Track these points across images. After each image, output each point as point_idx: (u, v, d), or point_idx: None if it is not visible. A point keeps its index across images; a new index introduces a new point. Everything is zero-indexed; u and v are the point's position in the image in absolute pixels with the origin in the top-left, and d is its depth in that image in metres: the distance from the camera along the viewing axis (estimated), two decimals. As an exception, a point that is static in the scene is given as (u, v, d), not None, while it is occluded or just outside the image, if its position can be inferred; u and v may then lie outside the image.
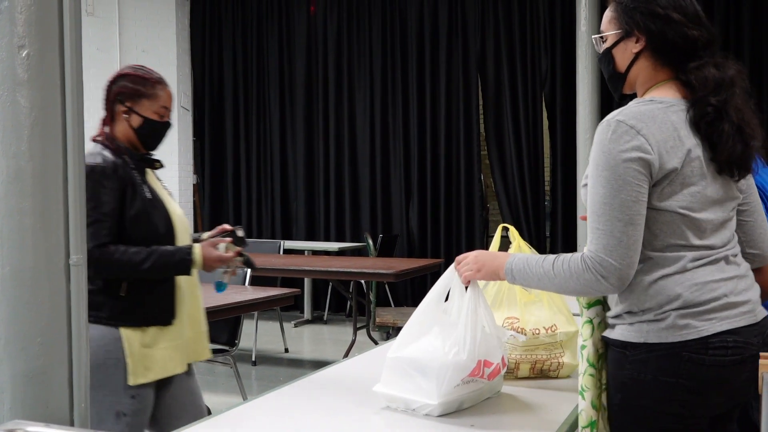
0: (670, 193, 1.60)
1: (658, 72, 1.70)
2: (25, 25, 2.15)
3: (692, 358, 1.56)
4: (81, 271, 2.25)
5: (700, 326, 1.57)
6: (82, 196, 2.27)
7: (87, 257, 2.14)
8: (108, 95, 2.43)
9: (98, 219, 2.21)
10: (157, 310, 2.30)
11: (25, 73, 2.15)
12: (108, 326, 2.23)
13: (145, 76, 2.40)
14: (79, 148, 2.25)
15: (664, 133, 1.59)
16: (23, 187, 2.17)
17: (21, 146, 2.17)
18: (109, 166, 2.26)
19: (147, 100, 2.39)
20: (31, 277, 2.19)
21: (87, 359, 2.26)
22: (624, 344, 1.63)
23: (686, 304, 1.58)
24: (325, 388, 2.03)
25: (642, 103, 1.65)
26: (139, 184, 2.31)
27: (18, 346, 2.18)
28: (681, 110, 1.64)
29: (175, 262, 2.26)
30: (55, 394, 2.21)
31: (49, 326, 2.20)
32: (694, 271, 1.60)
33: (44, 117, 2.18)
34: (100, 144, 2.36)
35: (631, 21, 1.70)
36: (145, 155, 2.41)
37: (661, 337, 1.58)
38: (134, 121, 2.38)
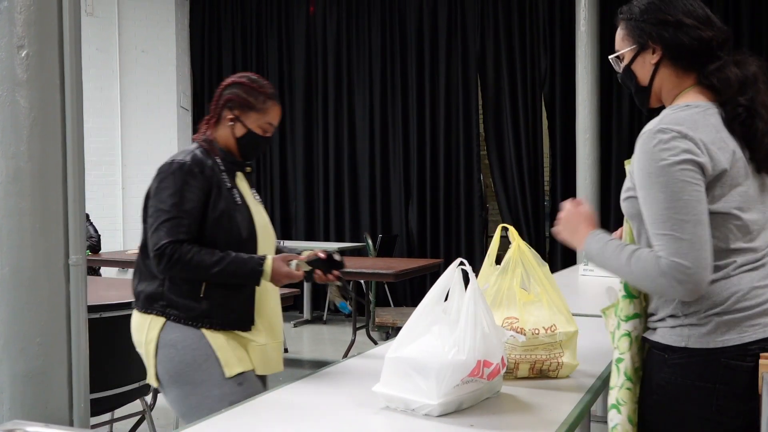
0: (720, 194, 1.59)
1: (682, 79, 1.70)
2: (25, 26, 2.15)
3: (730, 365, 1.56)
4: (80, 271, 2.26)
5: (741, 332, 1.57)
6: (81, 197, 2.27)
7: (159, 252, 2.14)
8: (218, 98, 2.39)
9: (177, 216, 2.18)
10: (235, 315, 2.26)
11: (24, 73, 2.16)
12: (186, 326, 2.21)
13: (258, 89, 2.36)
14: (78, 149, 2.25)
15: (710, 135, 1.58)
16: (22, 187, 2.17)
17: (20, 146, 2.17)
18: (196, 165, 2.24)
19: (255, 113, 2.35)
20: (30, 277, 2.19)
21: (86, 359, 2.26)
22: (664, 347, 1.63)
23: (729, 310, 1.58)
24: (324, 388, 2.03)
25: (678, 109, 1.64)
26: (226, 187, 2.28)
27: (17, 347, 2.18)
28: (716, 113, 1.64)
29: (245, 271, 2.22)
30: (54, 394, 2.21)
31: (49, 326, 2.20)
32: (740, 276, 1.60)
33: (43, 117, 2.18)
34: (197, 143, 2.35)
35: (643, 33, 1.70)
36: (237, 160, 2.38)
37: (702, 343, 1.58)
38: (238, 131, 2.35)
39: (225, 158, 2.34)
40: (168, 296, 2.22)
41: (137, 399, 3.35)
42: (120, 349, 3.16)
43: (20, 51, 2.16)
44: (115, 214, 8.59)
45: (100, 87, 8.33)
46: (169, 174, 2.21)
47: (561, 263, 7.35)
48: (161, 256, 2.15)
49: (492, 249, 2.13)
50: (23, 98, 2.17)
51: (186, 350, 2.19)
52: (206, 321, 2.22)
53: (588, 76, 6.94)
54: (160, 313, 2.22)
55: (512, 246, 2.09)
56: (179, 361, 2.19)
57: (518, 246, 2.08)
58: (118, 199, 8.60)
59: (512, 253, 2.08)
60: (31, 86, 2.18)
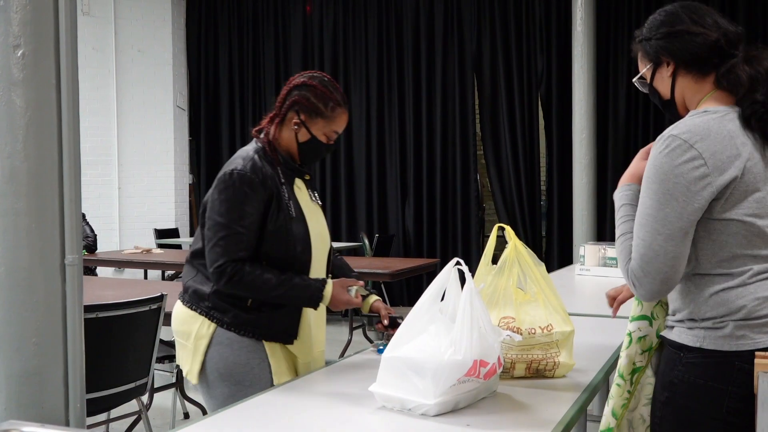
0: (735, 202, 1.59)
1: (701, 84, 1.71)
2: (21, 25, 2.14)
3: (743, 368, 1.57)
4: (76, 271, 2.25)
5: (757, 338, 1.58)
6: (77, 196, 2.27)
7: (220, 270, 2.12)
8: (286, 98, 2.30)
9: (238, 232, 2.13)
10: (280, 327, 2.24)
11: (20, 72, 2.15)
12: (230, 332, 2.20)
13: (328, 95, 2.26)
14: (74, 148, 2.25)
15: (720, 143, 1.59)
16: (18, 187, 2.17)
17: (16, 146, 2.16)
18: (256, 174, 2.16)
19: (323, 119, 2.26)
20: (26, 277, 2.19)
21: (82, 359, 2.26)
22: (680, 346, 1.65)
23: (746, 317, 1.59)
24: (321, 388, 2.03)
25: (696, 115, 1.66)
26: (285, 199, 2.21)
27: (13, 347, 2.18)
28: (735, 117, 1.64)
29: (305, 296, 2.20)
30: (50, 394, 2.20)
31: (45, 326, 2.19)
32: (757, 284, 1.60)
33: (39, 117, 2.18)
34: (259, 145, 2.27)
35: (653, 50, 1.74)
36: (297, 166, 2.32)
37: (717, 345, 1.60)
38: (302, 136, 2.27)
39: (285, 165, 2.28)
40: (215, 300, 2.20)
41: (133, 399, 3.34)
42: (116, 349, 3.16)
43: (16, 50, 2.15)
44: (112, 214, 8.58)
45: (97, 86, 8.32)
46: (230, 185, 2.14)
47: (557, 263, 7.37)
48: (221, 274, 2.13)
49: (488, 249, 2.13)
50: (19, 98, 2.17)
51: (242, 351, 2.18)
52: (250, 330, 2.20)
53: (584, 76, 6.95)
54: (204, 314, 2.21)
55: (509, 245, 2.09)
56: (233, 361, 2.18)
57: (515, 245, 2.08)
58: (114, 198, 8.59)
59: (509, 253, 2.08)
60: (27, 86, 2.17)
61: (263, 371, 2.20)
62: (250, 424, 1.77)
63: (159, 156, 8.68)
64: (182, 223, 8.90)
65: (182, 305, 2.28)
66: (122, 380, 3.19)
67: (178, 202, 8.84)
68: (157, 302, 3.29)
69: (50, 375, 2.20)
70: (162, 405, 4.42)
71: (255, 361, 2.19)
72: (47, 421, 2.18)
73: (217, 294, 2.20)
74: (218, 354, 2.19)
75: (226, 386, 2.19)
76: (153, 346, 3.33)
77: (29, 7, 2.15)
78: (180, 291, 2.32)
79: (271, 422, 1.76)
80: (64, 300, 2.23)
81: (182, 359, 2.28)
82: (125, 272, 8.23)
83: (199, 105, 9.09)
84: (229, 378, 2.19)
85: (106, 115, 8.45)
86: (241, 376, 2.18)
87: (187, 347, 2.25)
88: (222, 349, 2.19)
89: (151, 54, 8.63)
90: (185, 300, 2.27)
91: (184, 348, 2.26)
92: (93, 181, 8.26)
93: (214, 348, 2.20)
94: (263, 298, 2.18)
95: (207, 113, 9.06)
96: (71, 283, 2.24)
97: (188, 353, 2.24)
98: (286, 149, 2.30)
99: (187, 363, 2.25)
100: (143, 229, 8.52)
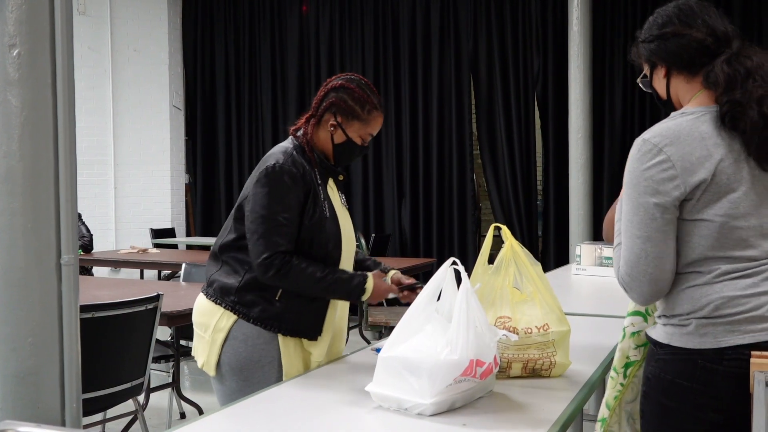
0: (707, 203, 1.61)
1: (691, 84, 1.73)
2: (16, 24, 2.14)
3: (706, 366, 1.59)
4: (72, 271, 2.25)
5: (719, 337, 1.59)
6: (73, 196, 2.26)
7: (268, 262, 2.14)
8: (323, 99, 2.32)
9: (282, 223, 2.17)
10: (306, 323, 2.26)
11: (15, 72, 2.15)
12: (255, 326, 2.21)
13: (365, 98, 2.29)
14: (70, 148, 2.24)
15: (690, 145, 1.61)
16: (14, 187, 2.16)
17: (11, 146, 2.16)
18: (296, 167, 2.20)
19: (359, 122, 2.29)
20: (21, 277, 2.18)
21: (78, 359, 2.25)
22: (655, 342, 1.69)
23: (708, 316, 1.60)
24: (317, 388, 2.03)
25: (671, 118, 1.68)
26: (321, 198, 2.25)
27: (9, 347, 2.17)
28: (710, 118, 1.65)
29: (349, 289, 2.23)
30: (46, 394, 2.20)
31: (40, 326, 2.19)
32: (724, 284, 1.61)
33: (35, 116, 2.17)
34: (297, 143, 2.30)
35: (647, 52, 1.78)
36: (332, 166, 2.36)
37: (682, 342, 1.62)
38: (337, 137, 2.30)
39: (321, 164, 2.31)
40: (242, 294, 2.22)
41: (130, 399, 3.34)
42: (112, 349, 3.16)
43: (11, 50, 2.15)
44: (107, 214, 8.57)
45: (92, 86, 8.31)
46: (273, 178, 2.18)
47: (553, 262, 7.38)
48: (269, 266, 2.14)
49: (485, 248, 2.13)
50: (14, 97, 2.16)
51: (255, 348, 2.21)
52: (275, 325, 2.22)
53: (580, 76, 6.96)
54: (229, 308, 2.23)
55: (505, 245, 2.10)
56: (245, 357, 2.20)
57: (511, 245, 2.09)
58: (110, 198, 8.58)
59: (505, 253, 2.09)
60: (23, 85, 2.16)
61: (273, 370, 2.22)
62: (247, 423, 1.77)
63: (155, 156, 8.67)
64: (178, 223, 8.89)
65: (205, 298, 2.30)
66: (118, 380, 3.19)
67: (174, 202, 8.83)
68: (153, 302, 3.29)
69: (46, 375, 2.20)
70: (158, 405, 4.42)
71: (266, 359, 2.21)
72: (43, 421, 2.18)
73: (246, 288, 2.22)
74: (232, 349, 2.22)
75: (235, 381, 2.22)
76: (149, 346, 3.33)
77: (25, 6, 2.14)
78: (203, 285, 2.34)
79: (267, 422, 1.76)
80: (60, 300, 2.23)
81: (198, 350, 2.31)
82: (121, 272, 8.22)
83: (195, 105, 9.08)
84: (240, 373, 2.21)
85: (102, 114, 8.44)
86: (250, 373, 2.21)
87: (204, 339, 2.28)
88: (237, 344, 2.21)
89: (147, 54, 8.62)
90: (209, 294, 2.28)
91: (201, 339, 2.29)
92: (89, 181, 8.24)
93: (229, 342, 2.22)
94: (305, 291, 2.21)
95: (203, 113, 9.05)
96: (67, 283, 2.23)
97: (205, 345, 2.27)
98: (321, 149, 2.34)
99: (204, 355, 2.28)
100: (139, 229, 8.51)
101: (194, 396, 4.51)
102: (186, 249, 8.02)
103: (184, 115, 9.02)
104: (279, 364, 2.23)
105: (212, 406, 2.39)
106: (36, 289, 2.19)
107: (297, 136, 2.34)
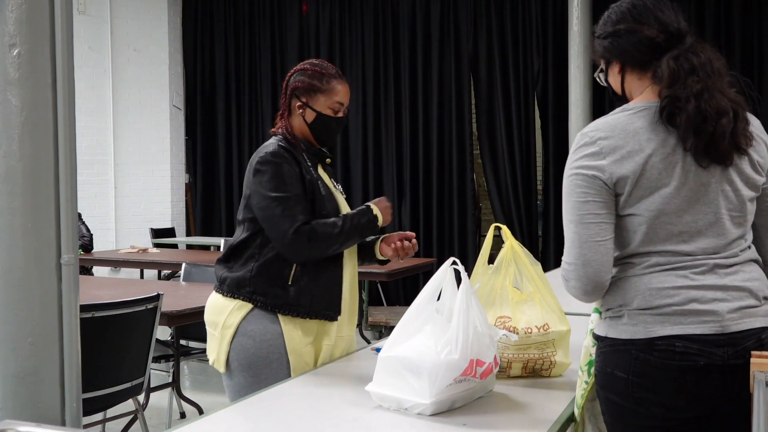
0: (639, 198, 1.62)
1: (643, 80, 1.73)
2: (16, 24, 2.14)
3: (639, 357, 1.59)
4: (72, 271, 2.25)
5: (650, 327, 1.59)
6: (73, 196, 2.26)
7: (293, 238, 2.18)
8: (285, 90, 2.42)
9: (292, 200, 2.23)
10: (323, 303, 2.29)
11: (15, 71, 2.15)
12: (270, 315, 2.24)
13: (321, 71, 2.38)
14: (70, 148, 2.24)
15: (623, 140, 1.62)
16: (14, 186, 2.16)
17: (12, 145, 2.16)
18: (286, 151, 2.28)
19: (322, 95, 2.36)
20: (21, 276, 2.18)
21: (78, 359, 2.25)
22: (596, 336, 1.70)
23: (640, 306, 1.61)
24: (317, 387, 2.03)
25: (612, 113, 1.70)
26: (314, 178, 2.31)
27: (9, 347, 2.17)
28: (648, 114, 1.65)
29: (366, 221, 2.31)
30: (46, 393, 2.20)
31: (41, 326, 2.19)
32: (652, 276, 1.62)
33: (35, 116, 2.17)
34: (280, 135, 2.38)
35: (601, 49, 1.78)
36: (318, 150, 2.41)
37: (617, 333, 1.62)
38: (308, 116, 2.37)
39: (308, 150, 2.37)
40: (255, 282, 2.24)
41: (130, 399, 3.34)
42: (112, 349, 3.15)
43: (12, 49, 2.15)
44: (107, 213, 8.56)
45: (93, 86, 8.31)
46: (266, 164, 2.24)
47: (553, 262, 7.37)
48: (298, 239, 2.19)
49: (485, 248, 2.13)
50: (15, 97, 2.16)
51: (263, 344, 2.22)
52: (293, 309, 2.24)
53: (580, 76, 6.96)
54: (246, 299, 2.25)
55: (505, 245, 2.10)
56: (253, 353, 2.22)
57: (511, 245, 2.09)
58: (110, 198, 8.58)
59: (505, 252, 2.09)
60: (23, 85, 2.17)
61: (281, 366, 2.23)
62: (246, 423, 1.77)
63: (155, 155, 8.67)
64: (178, 222, 8.89)
65: (218, 295, 2.32)
66: (118, 380, 3.19)
67: (174, 201, 8.83)
68: (154, 302, 3.29)
69: (46, 374, 2.20)
70: (158, 405, 4.42)
71: (274, 355, 2.23)
72: (43, 420, 2.18)
73: (258, 277, 2.24)
74: (241, 345, 2.23)
75: (243, 377, 2.23)
76: (149, 346, 3.32)
77: (25, 6, 2.15)
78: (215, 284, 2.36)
79: (268, 421, 1.76)
80: (60, 299, 2.23)
81: (210, 348, 2.33)
82: (121, 272, 8.21)
83: (195, 104, 9.08)
84: (248, 369, 2.23)
85: (102, 114, 8.44)
86: (258, 369, 2.22)
87: (215, 336, 2.30)
88: (244, 340, 2.23)
89: (147, 53, 8.62)
90: (223, 290, 2.30)
91: (212, 337, 2.32)
92: (89, 181, 8.24)
93: (238, 339, 2.24)
94: (334, 247, 2.26)
95: (203, 113, 9.05)
96: (67, 283, 2.23)
97: (216, 342, 2.29)
98: (302, 136, 2.39)
99: (214, 352, 2.30)
100: (139, 228, 8.51)
101: (194, 396, 4.51)
102: (186, 249, 8.02)
103: (184, 115, 9.02)
104: (287, 359, 2.24)
105: (212, 405, 2.39)
106: (36, 289, 2.19)
107: (277, 133, 2.40)
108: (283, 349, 2.23)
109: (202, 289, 4.05)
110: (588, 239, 1.62)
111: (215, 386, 5.31)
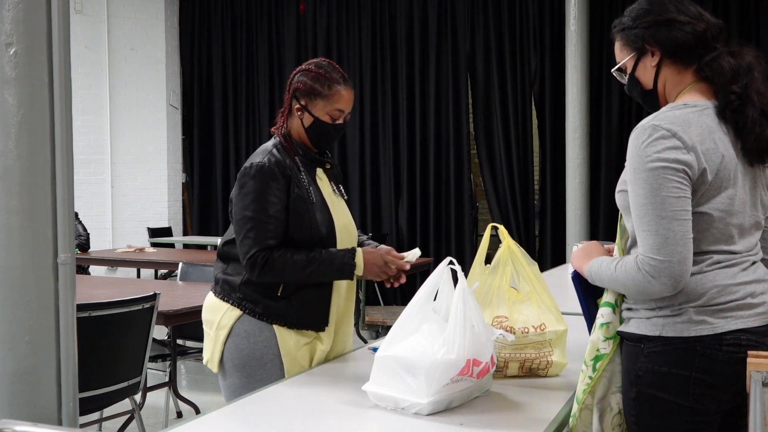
0: (709, 196, 1.61)
1: (683, 75, 1.72)
2: (13, 23, 2.14)
3: (706, 353, 1.59)
4: (69, 270, 2.25)
5: (716, 323, 1.60)
6: (70, 195, 2.26)
7: (252, 261, 2.15)
8: (288, 88, 2.34)
9: (264, 221, 2.17)
10: (311, 315, 2.26)
11: (12, 71, 2.14)
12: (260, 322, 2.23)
13: (325, 74, 2.29)
14: (67, 147, 2.24)
15: (700, 135, 1.60)
16: (10, 185, 2.16)
17: (8, 145, 2.16)
18: (276, 165, 2.21)
19: (322, 100, 2.28)
20: (18, 276, 2.18)
21: (75, 358, 2.25)
22: (639, 337, 1.66)
23: (706, 303, 1.61)
24: (314, 387, 2.03)
25: (676, 108, 1.66)
26: (304, 185, 2.24)
27: (5, 346, 2.17)
28: (712, 113, 1.65)
29: (337, 267, 2.21)
30: (43, 393, 2.20)
31: (37, 325, 2.19)
32: (716, 272, 1.63)
33: (32, 115, 2.17)
34: (277, 139, 2.33)
35: (639, 39, 1.73)
36: (316, 155, 2.35)
37: (677, 331, 1.61)
38: (306, 120, 2.30)
39: (304, 155, 2.31)
40: (245, 291, 2.23)
41: (126, 398, 3.34)
42: (109, 348, 3.15)
43: (8, 48, 2.15)
44: (104, 213, 8.55)
45: (89, 85, 8.30)
46: (251, 178, 2.19)
47: (550, 262, 7.38)
48: (254, 265, 2.16)
49: (482, 248, 2.13)
50: (11, 96, 2.16)
51: (256, 345, 2.21)
52: (281, 319, 2.23)
53: (578, 75, 6.96)
54: (236, 304, 2.24)
55: (502, 245, 2.10)
56: (247, 354, 2.21)
57: (508, 245, 2.09)
58: (107, 197, 8.57)
59: (502, 252, 2.09)
60: (20, 84, 2.16)
61: (275, 367, 2.22)
62: (243, 423, 1.77)
63: (152, 155, 8.66)
64: (175, 221, 8.88)
65: (213, 296, 2.32)
66: (115, 379, 3.19)
67: (171, 200, 8.83)
68: (150, 301, 3.28)
69: (43, 374, 2.20)
70: (155, 404, 4.42)
71: (268, 356, 2.22)
72: (40, 420, 2.18)
73: (248, 285, 2.23)
74: (235, 345, 2.23)
75: (238, 377, 2.23)
76: (146, 345, 3.32)
77: (22, 5, 2.14)
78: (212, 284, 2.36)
79: (264, 422, 1.76)
80: (57, 299, 2.22)
81: (206, 347, 2.33)
82: (118, 271, 8.21)
83: (192, 104, 9.07)
84: (242, 370, 2.22)
85: (98, 113, 8.43)
86: (252, 369, 2.21)
87: (210, 335, 2.30)
88: (238, 341, 2.22)
89: (144, 52, 8.60)
90: (217, 291, 2.30)
91: (207, 336, 2.31)
92: (86, 180, 8.23)
93: (232, 339, 2.23)
94: (298, 280, 2.20)
95: (200, 112, 9.04)
96: (64, 282, 2.23)
97: (210, 342, 2.29)
98: (299, 139, 2.34)
99: (209, 351, 2.30)
100: (136, 227, 8.50)
101: (191, 395, 4.51)
102: (183, 248, 8.02)
103: (181, 114, 9.01)
104: (281, 360, 2.23)
105: (209, 405, 2.39)
106: (33, 288, 2.19)
107: (276, 133, 2.36)
108: (277, 351, 2.23)
109: (199, 289, 4.05)
110: (684, 236, 1.57)
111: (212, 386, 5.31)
